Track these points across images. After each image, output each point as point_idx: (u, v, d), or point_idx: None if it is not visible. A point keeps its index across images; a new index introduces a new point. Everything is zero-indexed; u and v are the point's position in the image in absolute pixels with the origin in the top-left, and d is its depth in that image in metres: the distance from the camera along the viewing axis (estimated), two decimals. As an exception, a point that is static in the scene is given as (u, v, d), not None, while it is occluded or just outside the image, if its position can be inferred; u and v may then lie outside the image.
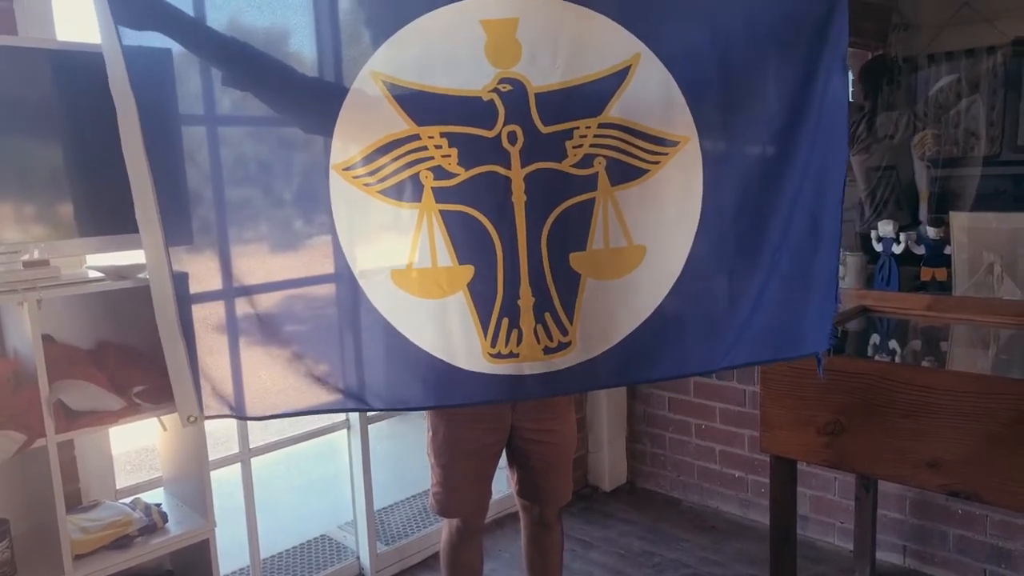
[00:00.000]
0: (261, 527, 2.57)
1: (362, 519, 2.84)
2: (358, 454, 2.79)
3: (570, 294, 1.68)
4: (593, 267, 1.69)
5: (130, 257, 1.84)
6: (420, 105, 1.60)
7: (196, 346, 1.64)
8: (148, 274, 1.62)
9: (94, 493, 2.12)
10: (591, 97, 1.62)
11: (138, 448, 4.42)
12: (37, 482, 1.78)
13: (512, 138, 1.61)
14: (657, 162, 1.67)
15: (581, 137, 1.63)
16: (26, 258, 1.72)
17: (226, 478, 2.49)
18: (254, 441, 2.55)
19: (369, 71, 1.60)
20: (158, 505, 2.00)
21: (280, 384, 1.68)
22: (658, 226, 1.70)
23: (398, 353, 1.69)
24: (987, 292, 2.41)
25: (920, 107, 2.77)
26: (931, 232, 2.56)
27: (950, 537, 2.69)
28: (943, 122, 2.71)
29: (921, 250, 2.59)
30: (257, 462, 2.55)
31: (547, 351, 1.68)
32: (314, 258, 1.70)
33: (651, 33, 1.62)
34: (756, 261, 1.70)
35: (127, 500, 2.04)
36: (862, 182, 2.87)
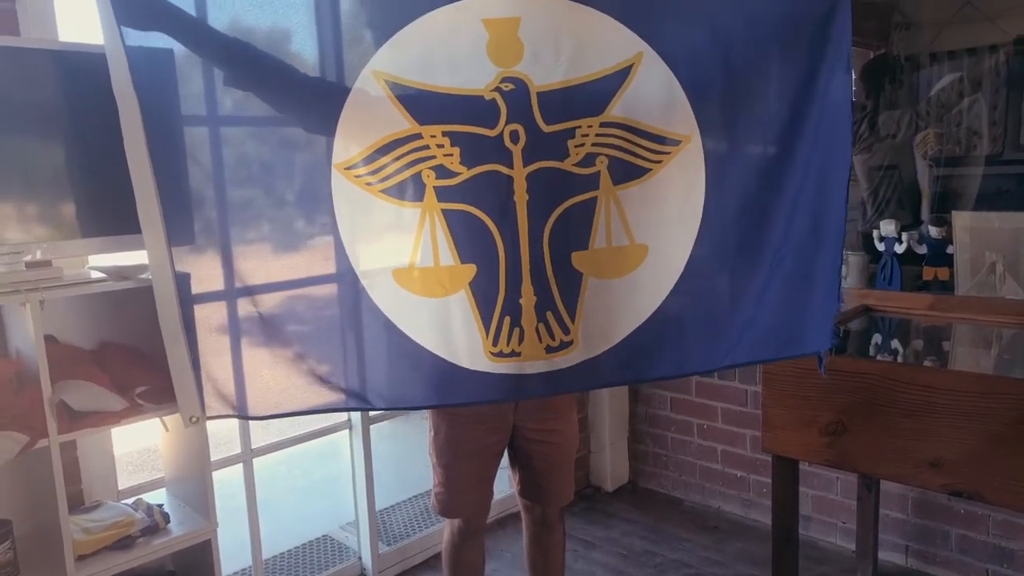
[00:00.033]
0: (263, 527, 2.57)
1: (364, 519, 2.84)
2: (360, 454, 2.80)
3: (572, 293, 1.68)
4: (595, 266, 1.69)
5: (132, 258, 1.84)
6: (422, 104, 1.61)
7: (198, 346, 1.64)
8: (151, 274, 1.62)
9: (96, 494, 2.12)
10: (593, 96, 1.62)
11: (140, 449, 4.42)
12: (39, 483, 1.78)
13: (514, 137, 1.61)
14: (659, 161, 1.67)
15: (583, 136, 1.63)
16: (29, 259, 1.72)
17: (228, 479, 2.49)
18: (256, 442, 2.55)
19: (371, 70, 1.60)
20: (160, 506, 2.00)
21: (283, 383, 1.68)
22: (660, 225, 1.69)
23: (400, 352, 1.69)
24: (989, 292, 2.40)
25: (922, 106, 2.76)
26: (933, 231, 2.56)
27: (952, 537, 2.68)
28: (945, 121, 2.71)
29: (923, 249, 2.59)
30: (259, 462, 2.56)
31: (549, 350, 1.68)
32: (316, 258, 1.70)
33: (653, 32, 1.62)
34: (758, 260, 1.70)
35: (129, 501, 2.04)
36: (864, 181, 2.86)
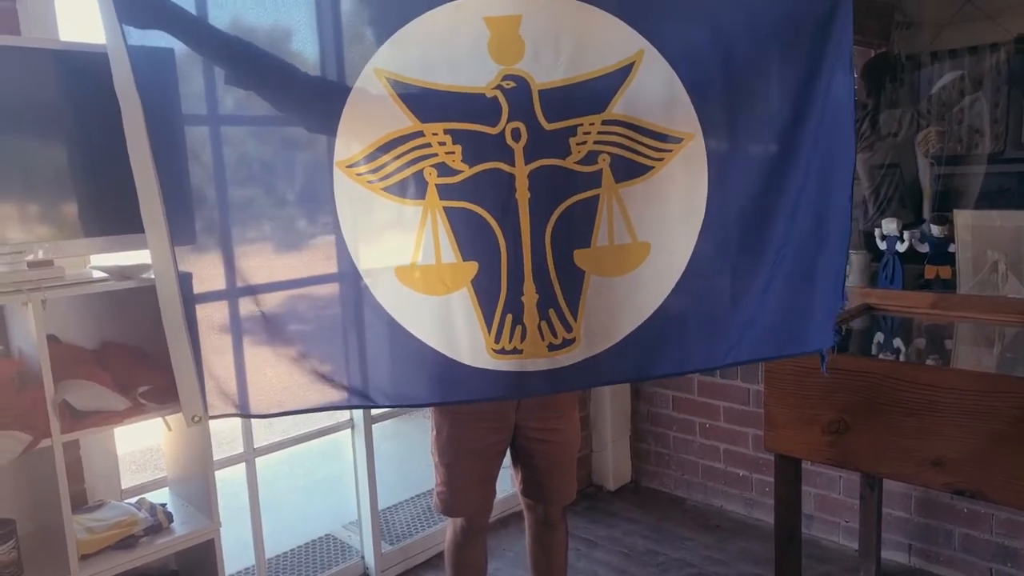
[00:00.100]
0: (266, 527, 2.57)
1: (366, 519, 2.84)
2: (362, 454, 2.80)
3: (574, 291, 1.68)
4: (597, 264, 1.69)
5: (133, 257, 1.84)
6: (424, 102, 1.61)
7: (201, 346, 1.64)
8: (154, 274, 1.62)
9: (99, 493, 2.12)
10: (595, 94, 1.62)
11: (143, 448, 4.42)
12: (43, 482, 1.78)
13: (516, 135, 1.61)
14: (661, 159, 1.67)
15: (585, 134, 1.63)
16: (30, 258, 1.72)
17: (231, 478, 2.49)
18: (259, 441, 2.55)
19: (372, 69, 1.60)
20: (163, 505, 2.00)
21: (285, 382, 1.68)
22: (662, 223, 1.69)
23: (403, 350, 1.69)
24: (991, 290, 2.40)
25: (923, 105, 2.76)
26: (935, 230, 2.55)
27: (955, 536, 2.68)
28: (946, 120, 2.70)
29: (925, 248, 2.58)
30: (262, 462, 2.56)
31: (551, 348, 1.68)
32: (318, 256, 1.71)
33: (654, 30, 1.62)
34: (760, 258, 1.69)
35: (132, 500, 2.05)
36: (866, 180, 2.86)
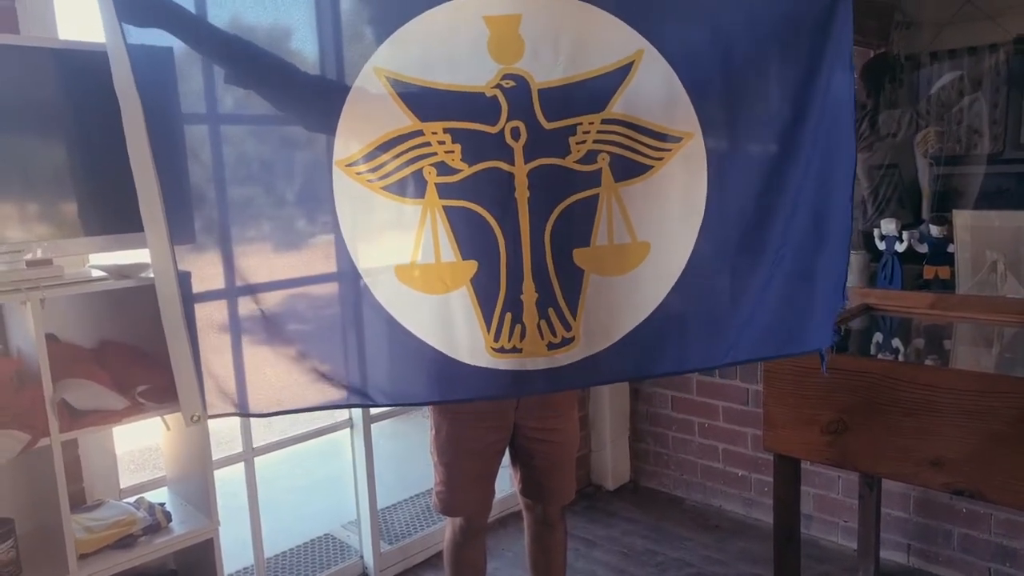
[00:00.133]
0: (265, 526, 2.57)
1: (366, 518, 2.84)
2: (361, 453, 2.79)
3: (573, 290, 1.68)
4: (597, 263, 1.69)
5: (132, 256, 1.84)
6: (423, 101, 1.61)
7: (200, 345, 1.63)
8: (153, 273, 1.62)
9: (98, 492, 2.12)
10: (594, 93, 1.62)
11: (142, 447, 4.42)
12: (41, 481, 1.78)
13: (515, 134, 1.61)
14: (661, 158, 1.66)
15: (584, 133, 1.63)
16: (29, 257, 1.72)
17: (230, 477, 2.49)
18: (257, 440, 2.55)
19: (372, 67, 1.60)
20: (162, 504, 2.00)
21: (284, 380, 1.68)
22: (662, 222, 1.69)
23: (402, 348, 1.69)
24: (990, 290, 2.40)
25: (923, 105, 2.76)
26: (934, 230, 2.55)
27: (954, 536, 2.68)
28: (946, 120, 2.71)
29: (924, 248, 2.58)
30: (260, 461, 2.55)
31: (550, 347, 1.68)
32: (317, 255, 1.70)
33: (654, 29, 1.62)
34: (759, 258, 1.69)
35: (131, 499, 2.05)
36: (865, 180, 2.86)
